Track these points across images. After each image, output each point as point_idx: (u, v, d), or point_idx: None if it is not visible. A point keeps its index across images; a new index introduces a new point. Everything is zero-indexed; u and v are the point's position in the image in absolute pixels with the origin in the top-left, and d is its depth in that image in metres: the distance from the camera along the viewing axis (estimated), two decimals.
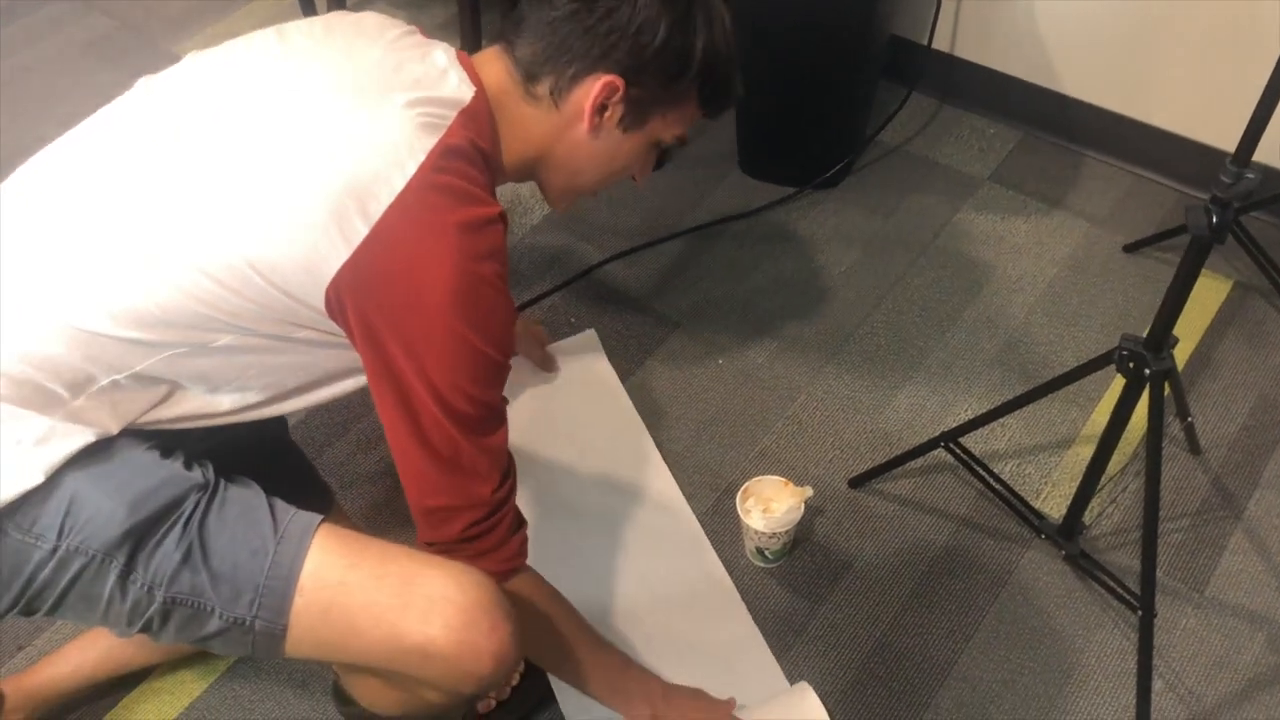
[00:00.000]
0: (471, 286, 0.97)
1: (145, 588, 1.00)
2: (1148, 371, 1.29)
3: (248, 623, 1.02)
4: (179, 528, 1.00)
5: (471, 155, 1.02)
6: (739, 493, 1.54)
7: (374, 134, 0.98)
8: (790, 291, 1.94)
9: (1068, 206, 2.07)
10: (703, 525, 1.62)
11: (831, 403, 1.77)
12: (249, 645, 1.04)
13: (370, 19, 1.13)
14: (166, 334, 0.99)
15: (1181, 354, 1.80)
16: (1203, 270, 1.18)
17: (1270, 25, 0.99)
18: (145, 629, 1.03)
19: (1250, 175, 1.07)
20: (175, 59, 1.16)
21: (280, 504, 1.06)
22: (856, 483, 1.66)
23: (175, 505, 1.01)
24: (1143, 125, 2.07)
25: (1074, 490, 1.50)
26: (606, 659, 1.28)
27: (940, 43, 2.21)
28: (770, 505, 1.53)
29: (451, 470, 1.03)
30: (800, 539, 1.60)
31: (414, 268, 0.96)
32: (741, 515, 1.52)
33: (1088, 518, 1.60)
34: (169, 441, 1.05)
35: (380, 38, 1.09)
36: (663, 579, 1.54)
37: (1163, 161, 2.09)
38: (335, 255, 0.95)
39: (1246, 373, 1.79)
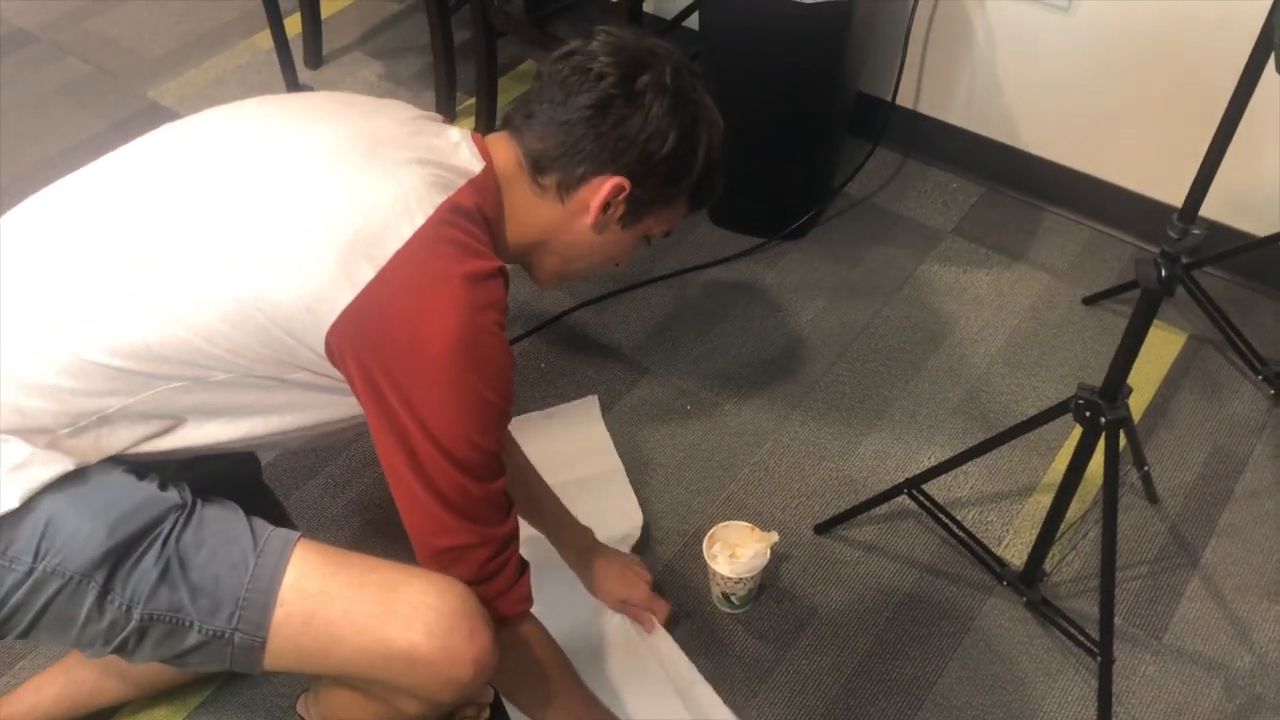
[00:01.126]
0: (475, 335, 0.99)
1: (123, 607, 1.00)
2: (1103, 420, 1.32)
3: (226, 635, 1.02)
4: (157, 546, 1.01)
5: (477, 218, 1.05)
6: (705, 538, 1.55)
7: (386, 184, 1.00)
8: (758, 339, 1.97)
9: (1029, 259, 2.12)
10: (669, 570, 1.63)
11: (798, 449, 1.79)
12: (227, 658, 1.04)
13: (392, 101, 1.17)
14: (161, 367, 1.00)
15: (1138, 405, 1.85)
16: (1158, 324, 1.22)
17: (1217, 89, 1.03)
18: (121, 648, 1.03)
19: (1196, 231, 1.11)
20: (150, 104, 1.18)
21: (258, 521, 1.07)
22: (822, 529, 1.68)
23: (154, 525, 1.01)
24: (1100, 182, 2.13)
25: (1035, 538, 1.53)
26: (600, 715, 1.32)
27: (904, 99, 2.27)
28: (736, 551, 1.54)
29: (459, 512, 1.04)
30: (766, 585, 1.61)
31: (419, 315, 0.97)
32: (708, 560, 1.53)
33: (1049, 565, 1.63)
34: (142, 467, 1.06)
35: (400, 112, 1.13)
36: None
37: (1120, 217, 2.15)
38: (340, 296, 0.97)
39: (1201, 423, 1.83)
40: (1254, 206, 1.97)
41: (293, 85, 1.99)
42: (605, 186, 1.10)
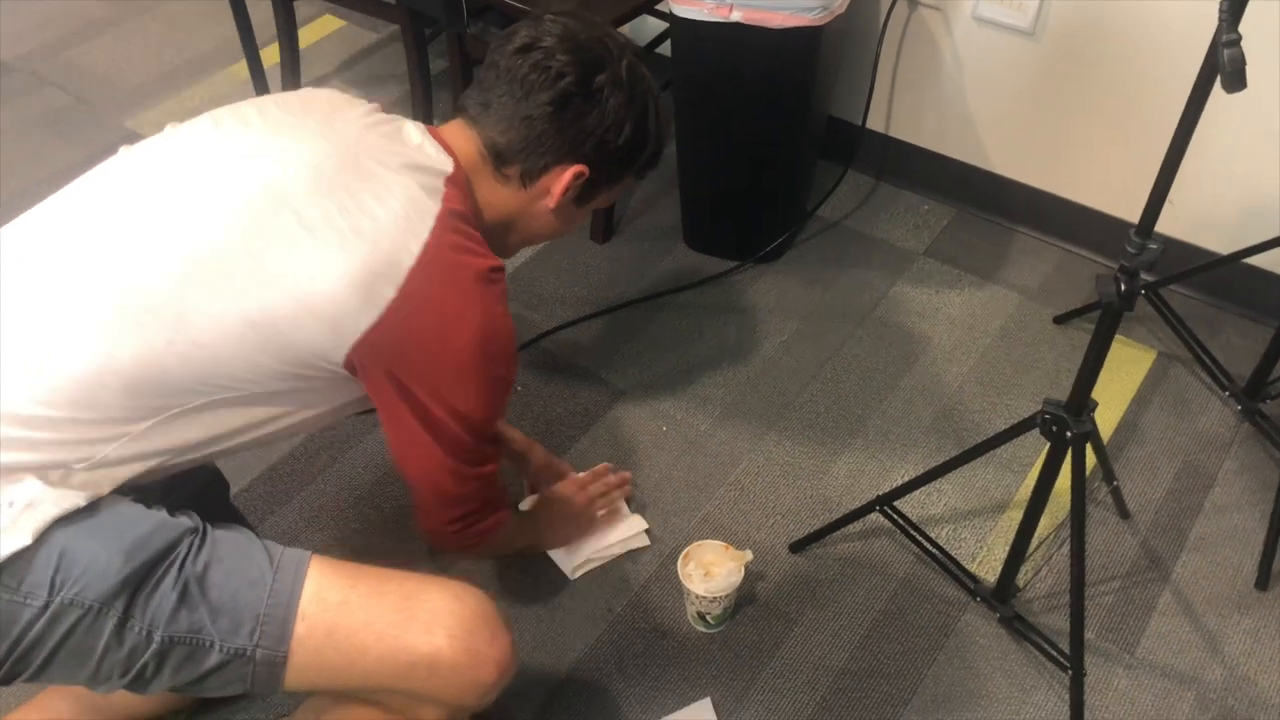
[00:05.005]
0: (494, 331, 1.10)
1: (143, 632, 1.00)
2: (1069, 434, 1.34)
3: (248, 652, 1.03)
4: (175, 569, 1.01)
5: (469, 218, 1.12)
6: (680, 557, 1.56)
7: (384, 203, 1.05)
8: (733, 361, 1.99)
9: (1000, 280, 2.15)
10: (644, 590, 1.63)
11: (773, 469, 1.81)
12: (248, 679, 1.04)
13: (337, 95, 1.19)
14: (177, 391, 1.02)
15: (1108, 422, 1.87)
16: (1128, 341, 1.24)
17: (1176, 111, 1.06)
18: (138, 677, 1.02)
19: (1153, 246, 1.13)
20: (129, 133, 1.20)
21: (270, 541, 1.09)
22: (797, 547, 1.69)
23: (170, 549, 1.02)
24: (1069, 203, 2.16)
25: (1007, 554, 1.54)
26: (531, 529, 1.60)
27: (875, 123, 2.30)
28: (711, 570, 1.55)
29: (477, 480, 1.20)
30: (742, 603, 1.61)
31: (443, 324, 1.07)
32: (683, 580, 1.54)
33: (1022, 581, 1.64)
34: (137, 492, 1.07)
35: (352, 110, 1.16)
36: None
37: (1088, 237, 2.18)
38: (364, 318, 1.03)
39: (1171, 439, 1.85)
40: (1218, 225, 2.01)
41: None
42: (566, 174, 1.19)
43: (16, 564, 0.96)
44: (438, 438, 1.13)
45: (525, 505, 1.66)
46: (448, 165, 1.13)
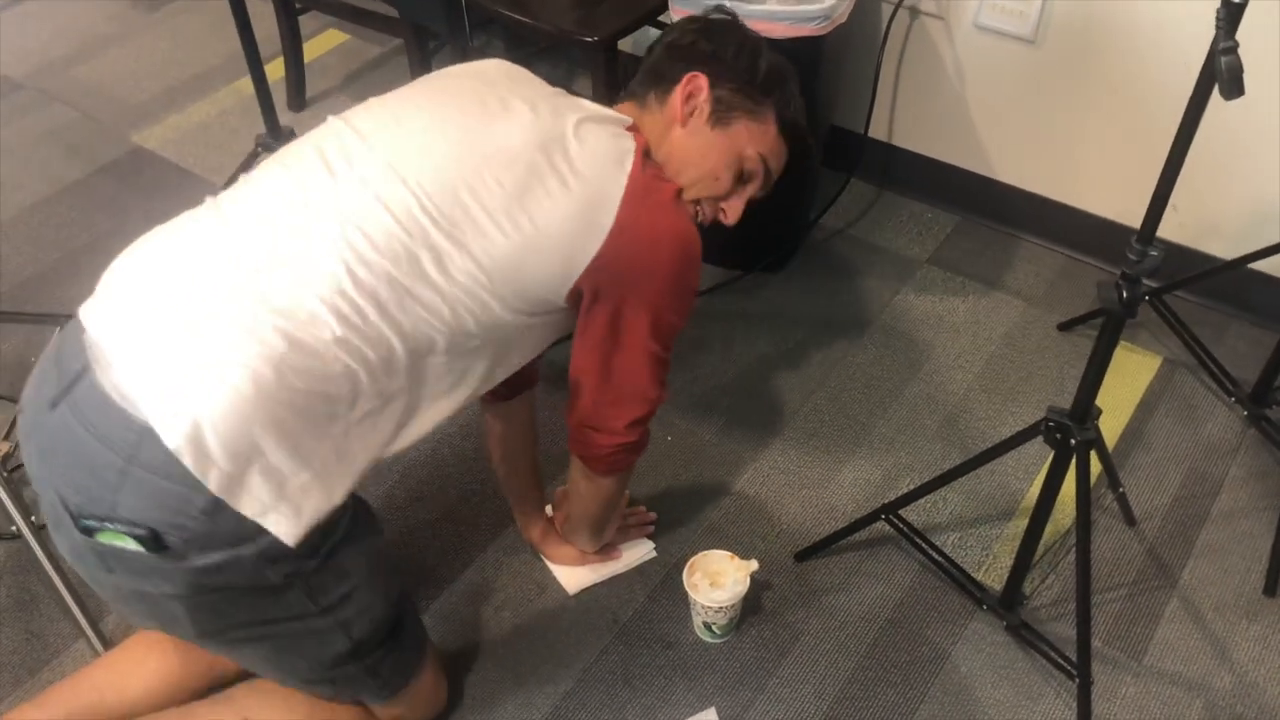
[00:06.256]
0: (692, 240, 1.23)
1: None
2: (1073, 441, 1.33)
3: None
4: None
5: (648, 155, 1.26)
6: (685, 567, 1.56)
7: (593, 148, 1.18)
8: (737, 370, 1.99)
9: (1004, 287, 2.15)
10: (650, 600, 1.63)
11: (777, 478, 1.81)
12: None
13: (503, 68, 1.32)
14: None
15: (1114, 428, 1.86)
16: (1133, 348, 1.24)
17: (1177, 117, 1.06)
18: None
19: (1154, 253, 1.13)
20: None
21: None
22: (802, 556, 1.69)
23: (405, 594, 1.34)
24: (1072, 209, 2.16)
25: (1014, 562, 1.54)
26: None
27: (878, 132, 2.31)
28: (717, 579, 1.55)
29: (664, 390, 1.32)
30: (747, 613, 1.61)
31: (655, 243, 1.21)
32: (688, 590, 1.54)
33: (1028, 588, 1.64)
34: None
35: (530, 87, 1.27)
36: None
37: (1091, 243, 2.18)
38: (590, 247, 1.17)
39: (1177, 445, 1.85)
40: (1222, 230, 2.01)
41: (274, 129, 2.01)
42: (684, 79, 1.30)
43: (321, 573, 1.18)
44: (643, 344, 1.25)
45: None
46: (624, 119, 1.27)
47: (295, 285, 1.08)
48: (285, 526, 1.07)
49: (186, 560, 1.06)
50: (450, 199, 1.12)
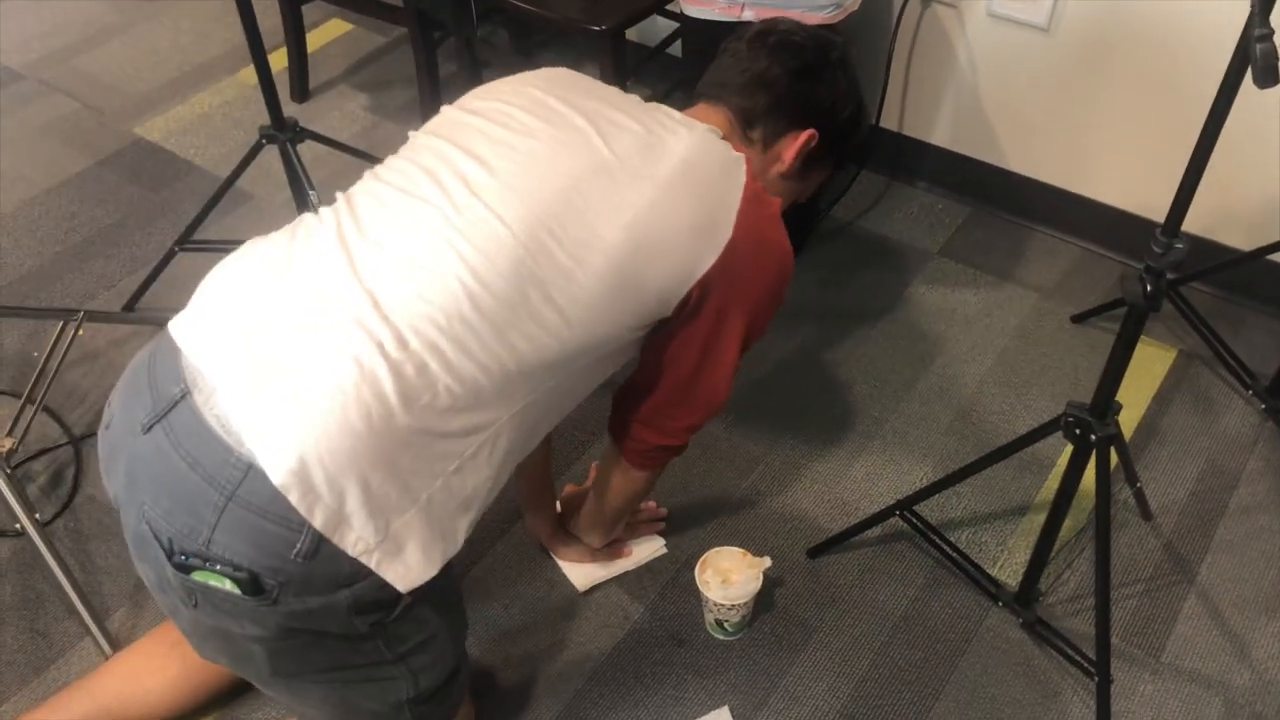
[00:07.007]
0: (790, 255, 1.25)
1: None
2: (1093, 437, 1.31)
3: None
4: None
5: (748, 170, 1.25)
6: (697, 564, 1.54)
7: (709, 162, 1.17)
8: (747, 365, 1.96)
9: (1017, 279, 2.13)
10: (662, 598, 1.61)
11: (789, 473, 1.79)
12: None
13: (597, 85, 1.28)
14: (543, 374, 1.13)
15: (1130, 422, 1.84)
16: (1149, 340, 1.22)
17: (1198, 105, 1.04)
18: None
19: (1179, 245, 1.11)
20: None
21: None
22: (815, 552, 1.67)
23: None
24: (1086, 200, 2.14)
25: (1030, 558, 1.52)
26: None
27: (888, 122, 2.28)
28: (729, 576, 1.53)
29: (728, 391, 1.30)
30: (760, 610, 1.59)
31: (763, 254, 1.21)
32: (700, 587, 1.52)
33: (1045, 584, 1.62)
34: None
35: (621, 99, 1.24)
36: None
37: (1106, 235, 2.15)
38: (708, 258, 1.16)
39: (1194, 439, 1.83)
40: (1240, 221, 1.98)
41: (278, 120, 1.99)
42: (801, 137, 1.29)
43: (399, 616, 1.12)
44: (734, 347, 1.25)
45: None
46: (716, 130, 1.23)
47: (408, 311, 1.03)
48: (398, 572, 1.04)
49: (280, 605, 1.02)
50: (576, 220, 1.09)
